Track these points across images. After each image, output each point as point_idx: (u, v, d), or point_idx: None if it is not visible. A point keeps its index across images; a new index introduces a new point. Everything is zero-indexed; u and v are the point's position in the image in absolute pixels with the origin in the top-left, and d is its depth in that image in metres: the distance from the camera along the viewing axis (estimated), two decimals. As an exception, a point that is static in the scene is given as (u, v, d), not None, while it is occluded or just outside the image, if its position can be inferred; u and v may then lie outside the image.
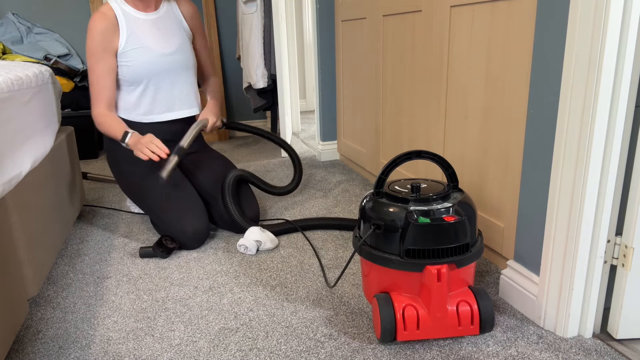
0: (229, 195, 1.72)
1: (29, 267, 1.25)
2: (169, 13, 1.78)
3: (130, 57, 1.68)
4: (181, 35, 1.79)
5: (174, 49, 1.75)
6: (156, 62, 1.71)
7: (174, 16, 1.79)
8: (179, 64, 1.76)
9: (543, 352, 1.06)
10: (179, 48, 1.77)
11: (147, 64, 1.69)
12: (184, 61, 1.78)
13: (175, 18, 1.79)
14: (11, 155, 1.18)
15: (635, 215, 1.02)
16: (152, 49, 1.70)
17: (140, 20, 1.71)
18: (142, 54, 1.69)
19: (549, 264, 1.11)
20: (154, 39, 1.72)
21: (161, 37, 1.73)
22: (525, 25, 1.20)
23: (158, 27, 1.74)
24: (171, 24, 1.77)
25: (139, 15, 1.71)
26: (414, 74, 1.79)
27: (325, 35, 2.61)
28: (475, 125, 1.46)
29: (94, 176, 2.58)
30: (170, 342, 1.15)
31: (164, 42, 1.73)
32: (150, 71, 1.71)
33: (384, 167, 1.11)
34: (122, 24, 1.67)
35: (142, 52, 1.69)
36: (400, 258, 1.06)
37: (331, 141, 2.81)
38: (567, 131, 1.02)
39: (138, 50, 1.68)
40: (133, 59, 1.68)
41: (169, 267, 1.53)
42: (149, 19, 1.73)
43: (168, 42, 1.74)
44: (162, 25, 1.75)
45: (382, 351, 1.09)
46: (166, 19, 1.77)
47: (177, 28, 1.78)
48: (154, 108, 1.76)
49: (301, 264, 1.52)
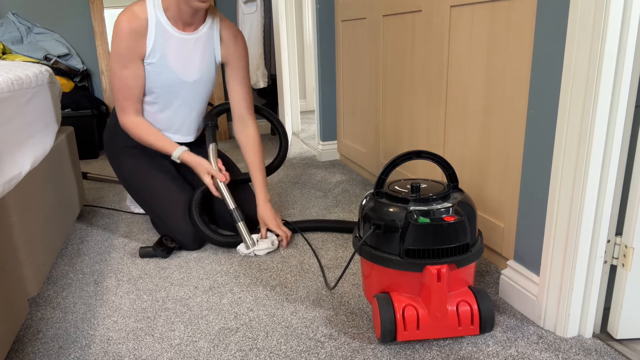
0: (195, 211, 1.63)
1: (29, 267, 1.25)
2: (208, 35, 1.62)
3: (149, 71, 1.58)
4: (208, 65, 1.65)
5: (196, 78, 1.63)
6: (173, 85, 1.61)
7: (211, 39, 1.63)
8: (194, 94, 1.67)
9: (543, 352, 1.06)
10: (201, 79, 1.65)
11: (162, 83, 1.60)
12: (201, 93, 1.68)
13: (210, 42, 1.63)
14: (11, 155, 1.18)
15: (635, 215, 1.02)
16: (173, 71, 1.59)
17: (173, 37, 1.56)
18: (160, 72, 1.58)
19: (549, 264, 1.11)
20: (178, 61, 1.59)
21: (187, 60, 1.60)
22: (525, 25, 1.20)
23: (189, 48, 1.60)
24: (203, 49, 1.62)
25: (173, 32, 1.56)
26: (414, 74, 1.79)
27: (325, 35, 2.61)
28: (475, 125, 1.46)
29: (94, 176, 2.58)
30: (170, 342, 1.15)
31: (187, 67, 1.61)
32: (163, 91, 1.62)
33: (384, 167, 1.11)
34: (151, 32, 1.53)
35: (160, 69, 1.58)
36: (400, 258, 1.06)
37: (331, 141, 2.81)
38: (567, 131, 1.02)
39: (158, 66, 1.57)
40: (150, 72, 1.58)
41: (169, 267, 1.53)
42: (182, 38, 1.58)
43: (192, 68, 1.62)
44: (193, 47, 1.60)
45: (382, 351, 1.09)
46: (202, 42, 1.62)
47: (208, 55, 1.64)
48: (154, 123, 1.70)
49: (301, 264, 1.52)
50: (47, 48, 3.11)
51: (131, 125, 1.64)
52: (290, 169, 2.65)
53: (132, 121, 1.63)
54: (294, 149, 3.14)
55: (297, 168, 2.66)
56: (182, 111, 1.70)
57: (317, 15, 2.59)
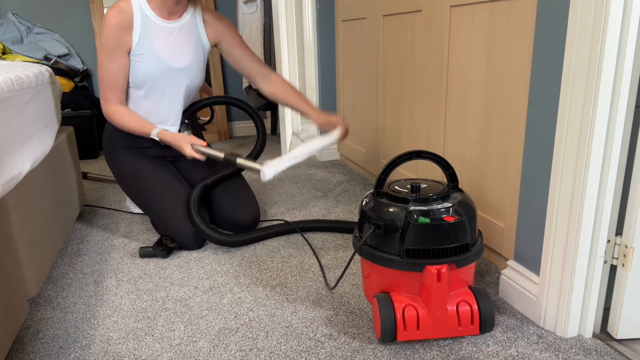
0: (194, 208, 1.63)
1: (29, 267, 1.25)
2: (191, 21, 1.69)
3: (139, 61, 1.62)
4: (197, 51, 1.70)
5: (186, 64, 1.68)
6: (163, 74, 1.65)
7: (195, 25, 1.70)
8: (185, 82, 1.70)
9: (543, 352, 1.06)
10: (191, 64, 1.69)
11: (153, 72, 1.63)
12: (193, 79, 1.72)
13: (195, 27, 1.70)
14: (11, 155, 1.18)
15: (635, 215, 1.02)
16: (162, 59, 1.63)
17: (158, 27, 1.63)
18: (149, 61, 1.62)
19: (549, 264, 1.11)
20: (166, 49, 1.64)
21: (174, 48, 1.65)
22: (525, 25, 1.20)
23: (176, 36, 1.65)
24: (189, 36, 1.68)
25: (158, 21, 1.63)
26: (414, 73, 1.79)
27: (325, 35, 2.61)
28: (475, 125, 1.46)
29: (94, 176, 2.58)
30: (170, 342, 1.15)
31: (175, 54, 1.65)
32: (155, 80, 1.65)
33: (384, 167, 1.11)
34: (137, 25, 1.59)
35: (150, 59, 1.62)
36: (400, 258, 1.06)
37: (331, 141, 2.81)
38: (567, 131, 1.02)
39: (146, 56, 1.62)
40: (140, 63, 1.62)
41: (169, 267, 1.53)
42: (168, 27, 1.64)
43: (181, 55, 1.67)
44: (179, 34, 1.66)
45: (382, 351, 1.09)
46: (186, 29, 1.67)
47: (194, 40, 1.69)
48: (148, 117, 1.71)
49: (301, 264, 1.52)
50: (47, 48, 3.11)
51: (113, 112, 1.67)
52: (290, 169, 2.65)
53: (114, 109, 1.67)
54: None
55: (297, 168, 2.66)
56: (175, 102, 1.72)
57: (317, 15, 2.59)
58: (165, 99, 1.71)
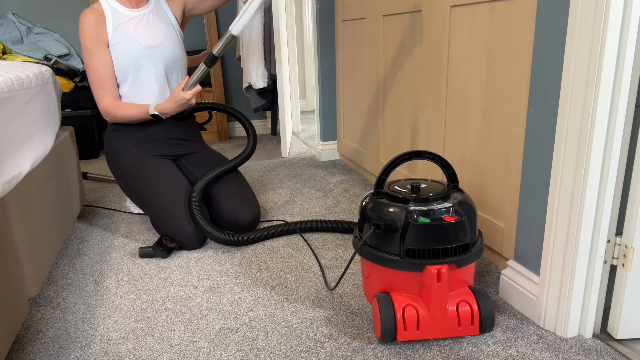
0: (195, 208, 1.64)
1: (29, 267, 1.25)
2: (156, 4, 1.83)
3: (117, 49, 1.71)
4: (167, 29, 1.82)
5: (160, 41, 1.78)
6: (142, 54, 1.74)
7: (159, 7, 1.84)
8: (166, 57, 1.79)
9: (543, 352, 1.06)
10: (165, 40, 1.79)
11: (133, 55, 1.73)
12: (171, 54, 1.80)
13: (160, 8, 1.84)
14: (11, 155, 1.18)
15: (635, 215, 1.02)
16: (138, 42, 1.74)
17: (128, 17, 1.75)
18: (128, 47, 1.72)
19: (549, 264, 1.11)
20: (140, 33, 1.76)
21: (147, 30, 1.77)
22: (525, 25, 1.20)
23: (146, 20, 1.79)
24: (158, 17, 1.82)
25: (128, 12, 1.76)
26: (414, 74, 1.79)
27: (325, 35, 2.61)
28: (475, 125, 1.46)
29: (94, 176, 2.58)
30: (170, 342, 1.15)
31: (149, 35, 1.77)
32: (137, 64, 1.74)
33: (384, 167, 1.11)
34: (109, 18, 1.72)
35: (128, 45, 1.72)
36: (401, 258, 1.06)
37: (331, 141, 2.81)
38: (567, 131, 1.02)
39: (123, 43, 1.72)
40: (119, 51, 1.71)
41: (169, 267, 1.53)
42: (137, 15, 1.77)
43: (154, 35, 1.78)
44: (149, 18, 1.79)
45: (382, 351, 1.09)
46: (155, 12, 1.82)
47: (163, 21, 1.83)
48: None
49: (301, 264, 1.52)
50: (47, 48, 3.11)
51: (110, 107, 1.73)
52: (290, 169, 2.65)
53: (109, 103, 1.73)
54: (294, 149, 3.14)
55: (297, 168, 2.66)
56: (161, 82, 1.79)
57: (317, 15, 2.59)
58: (151, 81, 1.78)
